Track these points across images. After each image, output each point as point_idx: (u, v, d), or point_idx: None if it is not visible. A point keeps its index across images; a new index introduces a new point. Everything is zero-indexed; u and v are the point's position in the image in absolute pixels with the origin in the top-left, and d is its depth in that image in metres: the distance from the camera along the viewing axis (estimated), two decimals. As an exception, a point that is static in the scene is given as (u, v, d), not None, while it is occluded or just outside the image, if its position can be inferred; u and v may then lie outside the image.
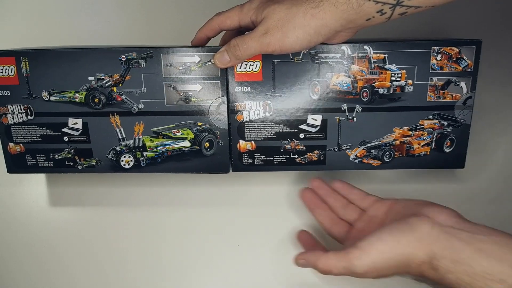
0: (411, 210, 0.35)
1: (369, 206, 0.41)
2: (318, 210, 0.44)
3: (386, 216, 0.39)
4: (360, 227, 0.40)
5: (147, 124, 0.45)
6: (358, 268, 0.32)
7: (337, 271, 0.33)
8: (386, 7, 0.34)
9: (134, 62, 0.43)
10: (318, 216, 0.44)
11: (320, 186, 0.46)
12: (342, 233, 0.41)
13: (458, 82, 0.43)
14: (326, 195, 0.45)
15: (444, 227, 0.32)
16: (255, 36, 0.38)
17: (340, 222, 0.43)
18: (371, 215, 0.41)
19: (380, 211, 0.40)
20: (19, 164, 0.48)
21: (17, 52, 0.43)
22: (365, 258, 0.32)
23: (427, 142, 0.45)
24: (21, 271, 0.48)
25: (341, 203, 0.44)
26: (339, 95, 0.44)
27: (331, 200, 0.44)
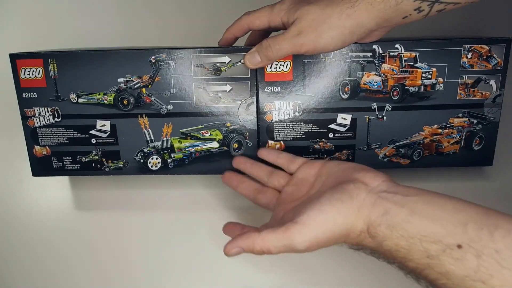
0: (344, 175, 0.34)
1: (297, 169, 0.40)
2: (240, 185, 0.43)
3: (316, 178, 0.37)
4: (289, 191, 0.39)
5: (175, 125, 0.45)
6: (299, 244, 0.30)
7: (276, 250, 0.31)
8: (425, 4, 0.34)
9: (164, 63, 0.43)
10: (241, 190, 0.43)
11: (241, 161, 0.44)
12: (270, 200, 0.40)
13: (488, 80, 0.43)
14: (248, 168, 0.44)
15: (379, 193, 0.31)
16: (288, 37, 0.37)
17: (266, 190, 0.41)
18: (300, 178, 0.39)
19: (309, 173, 0.38)
20: (45, 167, 0.47)
21: (45, 54, 0.43)
22: (306, 232, 0.30)
23: (456, 140, 0.45)
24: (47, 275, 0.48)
25: (265, 172, 0.42)
26: (369, 94, 0.44)
27: (254, 171, 0.43)
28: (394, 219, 0.28)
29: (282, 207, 0.37)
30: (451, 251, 0.25)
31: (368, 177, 0.33)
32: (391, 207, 0.29)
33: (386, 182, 0.32)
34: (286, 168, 0.42)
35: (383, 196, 0.30)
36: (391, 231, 0.28)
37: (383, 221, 0.29)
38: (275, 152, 0.43)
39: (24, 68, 0.44)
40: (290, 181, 0.40)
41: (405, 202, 0.29)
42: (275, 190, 0.41)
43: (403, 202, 0.29)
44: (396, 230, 0.28)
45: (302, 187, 0.38)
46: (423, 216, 0.27)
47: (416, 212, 0.28)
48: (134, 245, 0.48)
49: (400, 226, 0.28)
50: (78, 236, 0.49)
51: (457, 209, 0.27)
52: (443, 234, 0.26)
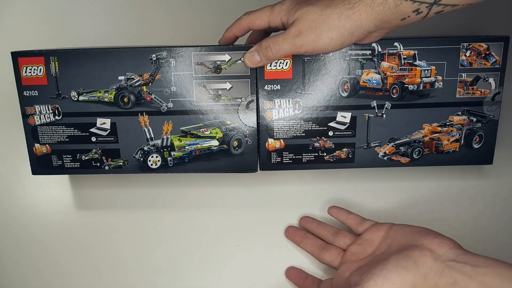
0: (410, 239, 0.35)
1: (364, 231, 0.41)
2: (304, 240, 0.44)
3: (382, 240, 0.38)
4: (354, 251, 0.40)
5: (175, 123, 0.45)
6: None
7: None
8: (423, 6, 0.34)
9: (164, 61, 0.43)
10: (305, 245, 0.44)
11: (307, 220, 0.46)
12: (334, 257, 0.41)
13: (486, 78, 0.43)
14: (314, 227, 0.45)
15: (447, 261, 0.31)
16: (288, 38, 0.38)
17: (331, 247, 0.42)
18: (366, 239, 0.40)
19: (376, 235, 0.39)
20: (45, 165, 0.47)
21: (46, 52, 0.43)
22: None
23: (456, 139, 0.45)
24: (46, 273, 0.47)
25: (331, 231, 0.43)
26: (368, 92, 0.44)
27: (320, 230, 0.44)
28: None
29: (347, 266, 0.38)
30: None
31: (434, 244, 0.33)
32: (460, 278, 0.30)
33: (453, 249, 0.33)
34: (355, 229, 0.42)
35: (451, 265, 0.31)
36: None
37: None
38: (345, 212, 0.44)
39: (26, 66, 0.44)
40: (356, 241, 0.41)
41: (475, 274, 0.29)
42: (339, 248, 0.42)
43: (473, 274, 0.29)
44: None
45: (368, 248, 0.39)
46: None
47: (486, 284, 0.29)
48: (133, 244, 0.48)
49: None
50: (78, 235, 0.49)
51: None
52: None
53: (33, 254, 0.48)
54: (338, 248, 0.42)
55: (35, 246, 0.49)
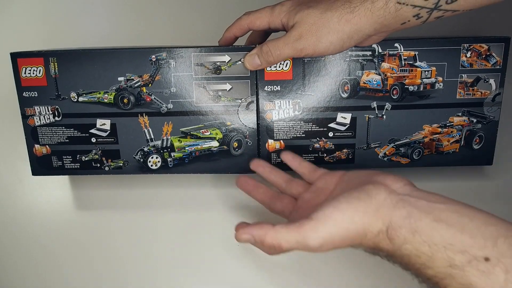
0: (364, 179, 0.33)
1: (317, 179, 0.39)
2: (256, 189, 0.41)
3: (336, 186, 0.36)
4: (307, 198, 0.38)
5: (175, 124, 0.45)
6: (313, 241, 0.29)
7: (287, 245, 0.30)
8: (423, 11, 0.34)
9: (164, 62, 0.43)
10: (257, 195, 0.41)
11: (260, 164, 0.43)
12: (286, 206, 0.39)
13: (487, 79, 0.43)
14: (267, 172, 0.42)
15: (401, 195, 0.30)
16: (289, 42, 0.38)
17: (283, 197, 0.40)
18: (320, 187, 0.38)
19: (330, 182, 0.37)
20: (45, 166, 0.47)
21: (46, 53, 0.43)
22: (321, 229, 0.29)
23: (456, 139, 0.45)
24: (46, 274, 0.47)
25: (284, 179, 0.41)
26: (369, 93, 0.44)
27: (273, 177, 0.42)
28: (418, 223, 0.28)
29: (298, 213, 0.37)
30: (478, 263, 0.25)
31: (389, 179, 0.32)
32: (415, 212, 0.28)
33: (408, 186, 0.31)
34: (307, 177, 0.40)
35: (406, 199, 0.29)
36: (413, 235, 0.27)
37: (405, 224, 0.28)
38: (298, 159, 0.42)
39: (25, 67, 0.44)
40: (308, 189, 0.39)
41: (431, 208, 0.28)
42: (292, 198, 0.40)
43: (429, 208, 0.28)
44: (419, 235, 0.27)
45: (321, 195, 0.37)
46: (451, 224, 0.27)
47: (443, 220, 0.27)
48: (134, 244, 0.48)
49: (424, 231, 0.27)
50: (78, 235, 0.49)
51: (488, 222, 0.27)
52: (471, 245, 0.25)
53: (33, 254, 0.48)
54: (290, 197, 0.40)
55: (35, 247, 0.49)
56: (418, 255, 0.27)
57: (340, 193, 0.32)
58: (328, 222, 0.30)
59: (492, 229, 0.26)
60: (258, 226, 0.32)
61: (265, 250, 0.32)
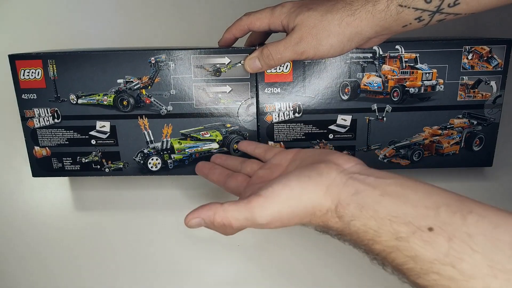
0: (317, 158, 0.33)
1: (273, 157, 0.38)
2: (212, 171, 0.41)
3: (290, 163, 0.36)
4: (261, 175, 0.37)
5: (175, 126, 0.45)
6: (261, 217, 0.29)
7: (237, 222, 0.30)
8: (425, 14, 0.34)
9: (164, 64, 0.43)
10: (212, 176, 0.41)
11: (216, 156, 0.44)
12: (240, 183, 0.38)
13: (488, 81, 0.43)
14: (223, 160, 0.43)
15: (351, 174, 0.30)
16: (289, 45, 0.37)
17: (238, 175, 0.39)
18: (274, 163, 0.37)
19: (284, 158, 0.37)
20: (45, 167, 0.47)
21: (44, 55, 0.43)
22: (269, 206, 0.29)
23: (457, 141, 0.45)
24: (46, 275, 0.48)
25: (239, 161, 0.41)
26: (369, 95, 0.43)
27: (228, 161, 0.42)
28: (365, 199, 0.27)
29: (250, 188, 0.36)
30: (422, 233, 0.24)
31: (340, 159, 0.32)
32: (362, 188, 0.28)
33: (359, 165, 0.31)
34: (263, 157, 0.40)
35: (355, 177, 0.29)
36: (360, 211, 0.27)
37: (353, 200, 0.28)
38: (254, 143, 0.43)
39: (24, 69, 0.43)
40: (263, 166, 0.39)
41: (378, 183, 0.28)
42: (247, 176, 0.39)
43: (376, 184, 0.28)
44: (365, 210, 0.27)
45: (275, 171, 0.37)
46: (395, 197, 0.27)
47: (388, 194, 0.27)
48: (133, 246, 0.48)
49: (370, 207, 0.27)
50: (78, 237, 0.49)
51: (430, 192, 0.27)
52: (414, 216, 0.25)
53: (33, 255, 0.49)
54: (245, 175, 0.39)
55: (35, 247, 0.49)
56: (366, 230, 0.27)
57: (292, 171, 0.32)
58: (276, 199, 0.30)
59: (434, 199, 0.26)
60: (206, 207, 0.32)
61: (218, 230, 0.32)
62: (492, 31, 0.50)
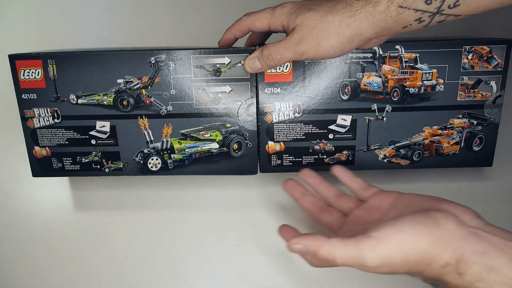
0: (425, 205, 0.32)
1: (370, 197, 0.37)
2: (304, 197, 0.40)
3: (391, 207, 0.35)
4: (359, 215, 0.36)
5: (175, 126, 0.45)
6: (370, 260, 0.28)
7: (342, 260, 0.29)
8: (425, 16, 0.33)
9: (164, 64, 0.43)
10: (304, 203, 0.40)
11: (309, 174, 0.41)
12: (335, 220, 0.37)
13: (488, 81, 0.43)
14: (317, 183, 0.41)
15: (473, 229, 0.28)
16: (289, 46, 0.37)
17: (332, 210, 0.38)
18: (373, 204, 0.36)
19: (384, 201, 0.36)
20: (45, 167, 0.47)
21: (44, 55, 0.43)
22: (380, 250, 0.28)
23: (457, 141, 0.45)
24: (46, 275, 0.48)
25: (334, 192, 0.40)
26: (369, 95, 0.43)
27: (322, 189, 0.40)
28: (495, 262, 0.26)
29: (348, 228, 0.35)
30: None
31: (456, 210, 0.30)
32: (490, 249, 0.27)
33: (478, 218, 0.30)
34: (359, 194, 0.39)
35: (478, 233, 0.28)
36: (488, 274, 0.26)
37: (480, 260, 0.27)
38: (350, 174, 0.40)
39: (24, 69, 0.43)
40: (360, 206, 0.37)
41: (507, 247, 0.27)
42: (341, 212, 0.38)
43: (504, 247, 0.27)
44: (495, 275, 0.26)
45: (374, 213, 0.35)
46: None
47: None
48: (133, 246, 0.48)
49: (501, 271, 0.26)
50: (78, 236, 0.49)
51: None
52: None
53: (33, 255, 0.49)
54: (340, 212, 0.38)
55: (35, 247, 0.49)
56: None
57: (400, 215, 0.31)
58: (389, 243, 0.28)
59: None
60: (312, 237, 0.30)
61: (314, 262, 0.31)
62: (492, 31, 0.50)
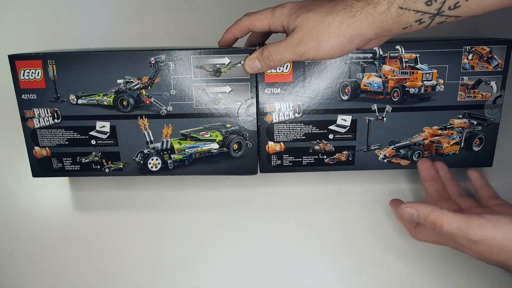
0: None
1: (495, 205, 0.39)
2: (432, 182, 0.43)
3: None
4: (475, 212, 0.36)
5: (175, 126, 0.45)
6: (475, 234, 0.31)
7: (448, 228, 0.32)
8: (426, 17, 0.33)
9: (163, 64, 0.43)
10: (430, 187, 0.43)
11: (443, 167, 0.45)
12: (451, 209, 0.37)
13: (488, 81, 0.43)
14: (446, 178, 0.44)
15: None
16: (289, 47, 0.37)
17: (452, 203, 0.40)
18: (493, 210, 0.38)
19: (506, 210, 0.37)
20: (45, 167, 0.47)
21: (44, 55, 0.43)
22: (488, 229, 0.31)
23: (456, 141, 0.45)
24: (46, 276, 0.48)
25: (458, 192, 0.42)
26: (369, 96, 0.43)
27: (450, 184, 0.43)
28: None
29: None
30: None
31: None
32: None
33: None
34: (485, 202, 0.41)
35: None
36: None
37: None
38: (485, 182, 0.43)
39: (23, 69, 0.43)
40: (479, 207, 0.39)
41: None
42: (460, 207, 0.40)
43: None
44: None
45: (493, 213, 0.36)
46: None
47: None
48: (133, 246, 0.48)
49: None
50: (78, 237, 0.49)
51: None
52: None
53: (33, 255, 0.49)
54: (459, 207, 0.40)
55: (35, 248, 0.49)
56: None
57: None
58: (498, 226, 0.31)
59: None
60: (424, 204, 0.34)
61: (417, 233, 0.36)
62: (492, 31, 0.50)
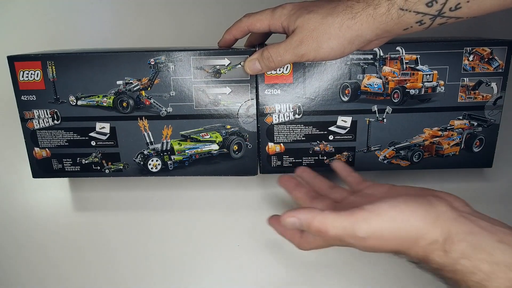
0: (419, 192, 0.33)
1: (364, 188, 0.38)
2: (297, 188, 0.41)
3: (385, 195, 0.35)
4: (352, 200, 0.37)
5: (175, 127, 0.45)
6: (360, 230, 0.29)
7: (334, 231, 0.30)
8: (426, 18, 0.33)
9: (163, 65, 0.43)
10: (297, 193, 0.40)
11: (305, 169, 0.43)
12: (327, 206, 0.37)
13: (489, 82, 0.43)
14: (311, 178, 0.42)
15: (463, 213, 0.29)
16: (289, 48, 0.37)
17: (325, 198, 0.39)
18: (366, 193, 0.37)
19: (377, 191, 0.36)
20: (45, 169, 0.47)
21: (43, 56, 0.43)
22: (372, 221, 0.29)
23: (457, 142, 0.45)
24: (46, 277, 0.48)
25: (328, 185, 0.41)
26: (370, 97, 0.43)
27: (317, 182, 0.42)
28: (481, 241, 0.27)
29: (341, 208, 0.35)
30: None
31: (448, 196, 0.32)
32: (477, 230, 0.28)
33: (468, 206, 0.31)
34: (354, 187, 0.40)
35: (467, 216, 0.29)
36: (473, 251, 0.27)
37: (467, 239, 0.27)
38: (349, 169, 0.42)
39: (23, 71, 0.43)
40: (353, 194, 0.38)
41: (495, 230, 0.28)
42: (333, 200, 0.39)
43: (492, 230, 0.28)
44: (480, 252, 0.27)
45: (367, 199, 0.36)
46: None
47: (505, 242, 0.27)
48: (134, 247, 0.48)
49: (486, 249, 0.27)
50: (78, 238, 0.49)
51: None
52: None
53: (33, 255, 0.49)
54: (332, 200, 0.39)
55: (35, 248, 0.49)
56: (474, 272, 0.26)
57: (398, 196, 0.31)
58: (381, 215, 0.29)
59: None
60: (306, 210, 0.31)
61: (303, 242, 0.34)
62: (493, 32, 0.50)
